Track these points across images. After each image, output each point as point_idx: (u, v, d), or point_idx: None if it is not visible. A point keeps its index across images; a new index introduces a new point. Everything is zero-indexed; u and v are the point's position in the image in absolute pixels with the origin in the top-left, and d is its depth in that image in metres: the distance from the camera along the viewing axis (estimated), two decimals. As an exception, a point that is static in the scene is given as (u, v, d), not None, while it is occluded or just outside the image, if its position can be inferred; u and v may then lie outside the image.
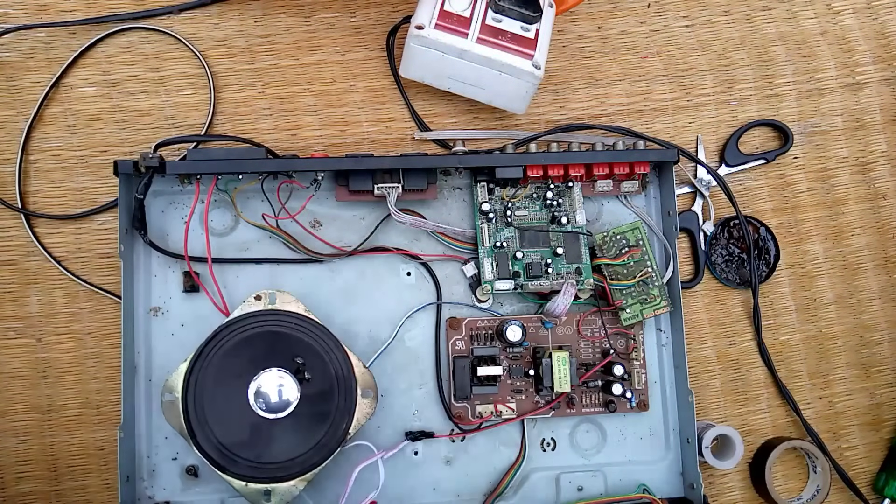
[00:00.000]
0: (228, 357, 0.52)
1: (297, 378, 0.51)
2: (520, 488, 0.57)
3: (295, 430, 0.51)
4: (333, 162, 0.55)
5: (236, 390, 0.51)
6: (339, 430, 0.51)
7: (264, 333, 0.52)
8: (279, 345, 0.52)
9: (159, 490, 0.55)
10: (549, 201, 0.58)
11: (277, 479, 0.50)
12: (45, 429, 0.56)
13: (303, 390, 0.51)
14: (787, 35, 0.65)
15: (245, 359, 0.52)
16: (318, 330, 0.52)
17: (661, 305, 0.58)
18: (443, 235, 0.58)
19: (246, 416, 0.51)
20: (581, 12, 0.63)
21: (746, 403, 0.62)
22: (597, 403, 0.57)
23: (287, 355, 0.52)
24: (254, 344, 0.52)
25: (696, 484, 0.56)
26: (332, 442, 0.51)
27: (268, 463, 0.50)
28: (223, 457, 0.50)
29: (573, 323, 0.58)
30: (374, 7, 0.62)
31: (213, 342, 0.52)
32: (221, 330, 0.52)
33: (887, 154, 0.65)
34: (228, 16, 0.61)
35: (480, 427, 0.57)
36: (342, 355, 0.52)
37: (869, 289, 0.64)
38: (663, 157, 0.58)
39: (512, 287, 0.56)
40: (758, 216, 0.63)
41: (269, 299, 0.53)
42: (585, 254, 0.57)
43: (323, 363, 0.52)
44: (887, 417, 0.63)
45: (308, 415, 0.51)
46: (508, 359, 0.57)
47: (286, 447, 0.51)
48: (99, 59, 0.60)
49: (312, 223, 0.58)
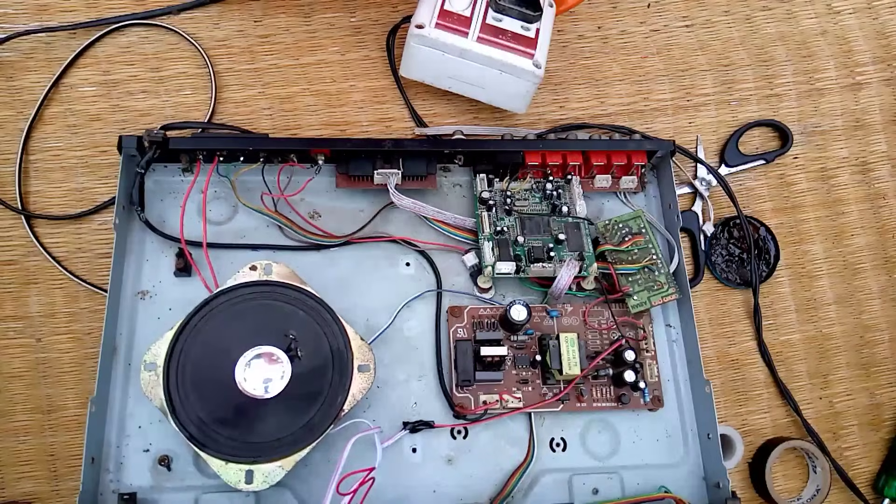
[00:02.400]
0: (217, 329, 0.49)
1: (290, 356, 0.49)
2: (530, 491, 0.54)
3: (284, 409, 0.48)
4: (333, 142, 0.55)
5: (223, 365, 0.48)
6: (332, 409, 0.48)
7: (257, 306, 0.50)
8: (272, 319, 0.49)
9: (125, 485, 0.51)
10: (548, 192, 0.58)
11: (261, 459, 0.47)
12: (45, 429, 0.56)
13: (294, 369, 0.48)
14: (787, 35, 0.65)
15: (235, 332, 0.49)
16: (315, 303, 0.50)
17: (668, 293, 0.57)
18: (442, 224, 0.57)
19: (232, 394, 0.48)
20: (581, 12, 0.63)
21: (746, 403, 0.62)
22: (608, 397, 0.55)
23: (280, 330, 0.49)
24: (245, 316, 0.49)
25: (723, 482, 0.53)
26: (324, 421, 0.48)
27: (252, 442, 0.47)
28: (203, 433, 0.47)
29: (580, 314, 0.57)
30: (374, 7, 0.62)
31: (202, 311, 0.49)
32: (212, 299, 0.50)
33: (887, 154, 0.65)
34: (228, 16, 0.61)
35: (485, 415, 0.53)
36: (339, 329, 0.50)
37: (869, 289, 0.64)
38: (659, 146, 0.58)
39: (514, 270, 0.55)
40: (758, 216, 0.63)
41: (264, 270, 0.51)
42: (587, 242, 0.57)
43: (318, 338, 0.49)
44: (887, 417, 0.63)
45: (299, 394, 0.48)
46: (513, 348, 0.55)
47: (273, 427, 0.48)
48: (99, 59, 0.60)
49: (311, 214, 0.58)
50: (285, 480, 0.53)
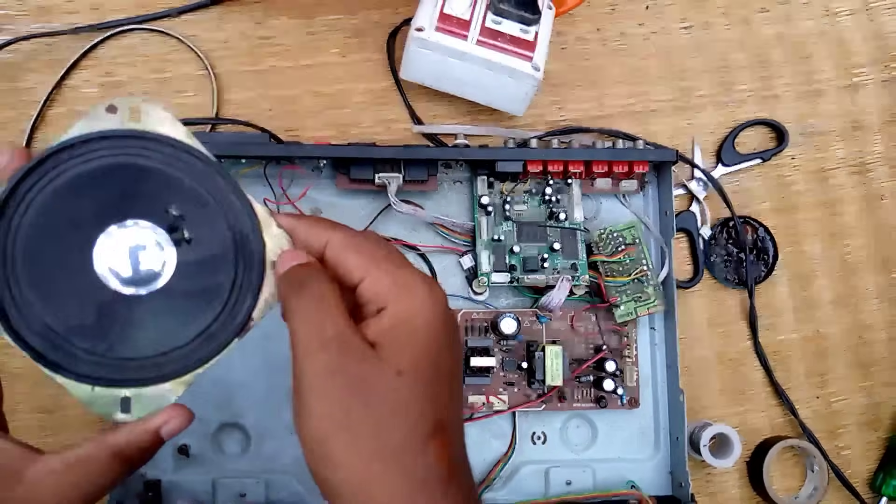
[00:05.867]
0: (62, 198, 0.35)
1: (173, 238, 0.36)
2: (509, 480, 0.58)
3: (169, 312, 0.36)
4: (336, 149, 0.56)
5: (75, 250, 0.35)
6: (237, 314, 0.36)
7: (122, 166, 0.35)
8: (146, 186, 0.36)
9: (151, 468, 0.55)
10: (547, 197, 0.58)
11: (141, 381, 0.35)
12: (46, 429, 0.57)
13: (181, 255, 0.36)
14: (785, 37, 0.65)
15: (90, 203, 0.35)
16: (208, 167, 0.36)
17: (654, 304, 0.58)
18: (441, 227, 0.59)
19: (91, 290, 0.35)
20: (580, 14, 0.64)
21: (744, 402, 0.62)
22: (588, 399, 0.58)
23: (159, 203, 0.36)
24: (104, 182, 0.35)
25: (685, 483, 0.56)
26: (225, 329, 0.36)
27: (127, 358, 0.35)
28: (53, 347, 0.35)
29: (568, 318, 0.58)
30: (374, 9, 0.62)
31: (36, 172, 0.35)
32: (50, 155, 0.35)
33: (884, 155, 0.65)
34: (229, 18, 0.61)
35: (472, 418, 0.57)
36: (243, 204, 0.36)
37: (866, 289, 0.64)
38: (662, 156, 0.58)
39: (508, 280, 0.57)
40: (756, 216, 0.63)
41: (128, 114, 0.36)
42: (582, 250, 0.58)
43: (213, 216, 0.36)
44: (884, 417, 0.63)
45: (189, 291, 0.36)
46: (502, 351, 0.57)
47: (155, 336, 0.36)
48: (101, 61, 0.60)
49: (312, 211, 0.58)
50: (289, 467, 0.55)
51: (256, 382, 0.56)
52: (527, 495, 0.57)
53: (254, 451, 0.56)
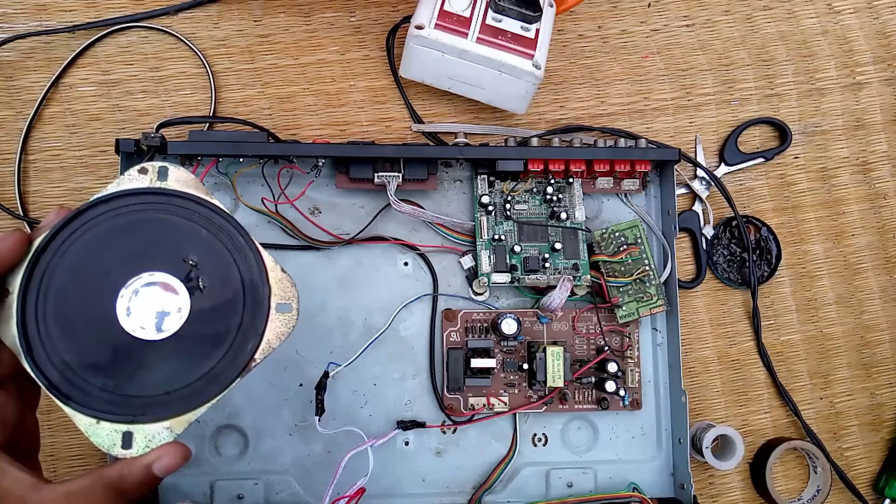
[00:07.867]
0: (93, 248, 0.39)
1: (189, 287, 0.39)
2: (510, 482, 0.58)
3: (177, 355, 0.39)
4: (335, 148, 0.55)
5: (100, 295, 0.38)
6: (240, 356, 0.39)
7: (147, 221, 0.40)
8: (167, 238, 0.39)
9: None
10: (548, 196, 0.58)
11: (144, 417, 0.38)
12: (45, 429, 0.56)
13: (195, 303, 0.39)
14: (788, 35, 0.65)
15: (116, 253, 0.39)
16: (224, 221, 0.40)
17: (657, 304, 0.57)
18: (441, 226, 0.58)
19: (110, 334, 0.38)
20: (581, 12, 0.63)
21: (747, 404, 0.62)
22: (590, 400, 0.58)
23: (177, 253, 0.39)
24: (131, 234, 0.39)
25: (687, 484, 0.56)
26: (228, 370, 0.39)
27: (133, 395, 0.38)
28: (67, 381, 0.38)
29: (569, 319, 0.58)
30: (373, 7, 0.62)
31: (73, 224, 0.39)
32: (86, 209, 0.39)
33: (888, 154, 0.65)
34: (227, 15, 0.61)
35: (472, 419, 0.57)
36: (254, 256, 0.40)
37: (869, 289, 0.64)
38: (664, 156, 0.58)
39: (508, 280, 0.56)
40: (759, 216, 0.63)
41: (157, 174, 0.40)
42: (583, 250, 0.57)
43: (226, 265, 0.40)
44: (888, 418, 0.63)
45: (198, 336, 0.39)
46: (503, 352, 0.57)
47: (162, 377, 0.38)
48: (98, 59, 0.60)
49: (311, 210, 0.58)
50: (288, 468, 0.55)
51: (253, 384, 0.56)
52: (527, 497, 0.57)
53: (251, 452, 0.56)
